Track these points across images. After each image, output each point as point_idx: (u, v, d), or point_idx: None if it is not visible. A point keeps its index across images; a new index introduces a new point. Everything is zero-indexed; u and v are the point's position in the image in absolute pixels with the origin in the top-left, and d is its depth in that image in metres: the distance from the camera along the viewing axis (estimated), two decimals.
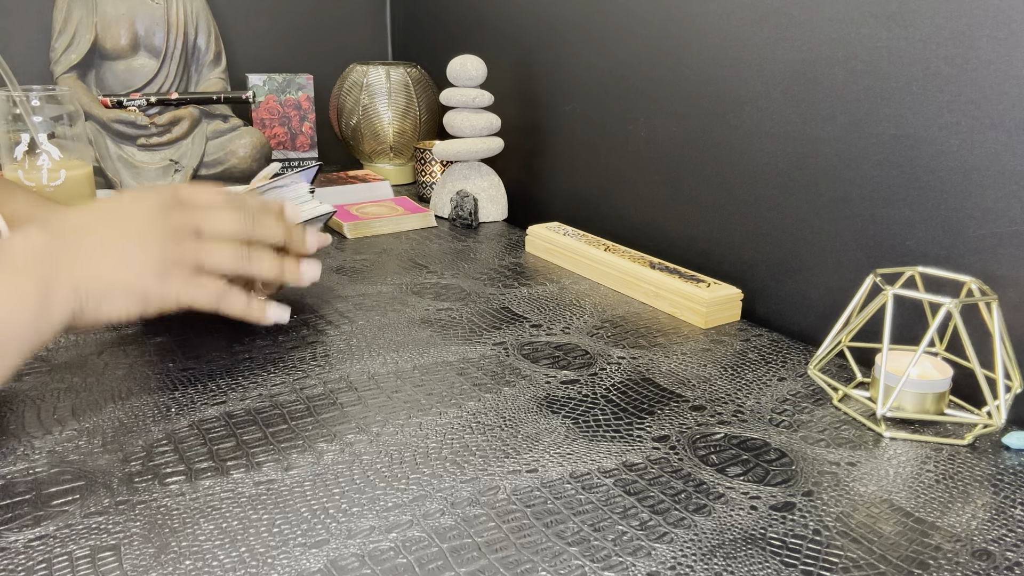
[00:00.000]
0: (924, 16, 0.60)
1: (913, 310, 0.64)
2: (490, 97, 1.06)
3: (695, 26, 0.81)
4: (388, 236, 1.02)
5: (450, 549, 0.42)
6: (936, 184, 0.62)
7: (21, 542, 0.41)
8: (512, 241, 1.01)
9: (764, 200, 0.76)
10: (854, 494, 0.47)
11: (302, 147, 1.36)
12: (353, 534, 0.42)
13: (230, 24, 1.39)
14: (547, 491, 0.47)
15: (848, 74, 0.67)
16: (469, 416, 0.55)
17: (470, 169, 1.11)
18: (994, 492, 0.48)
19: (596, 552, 0.42)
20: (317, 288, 0.80)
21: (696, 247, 0.86)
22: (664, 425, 0.55)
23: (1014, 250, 0.57)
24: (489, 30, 1.20)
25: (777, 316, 0.77)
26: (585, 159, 1.02)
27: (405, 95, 1.28)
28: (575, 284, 0.84)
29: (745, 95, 0.77)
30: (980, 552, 0.42)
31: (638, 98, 0.91)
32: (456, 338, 0.69)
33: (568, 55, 1.02)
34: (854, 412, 0.57)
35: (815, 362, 0.62)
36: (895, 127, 0.64)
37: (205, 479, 0.47)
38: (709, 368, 0.64)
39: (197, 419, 0.54)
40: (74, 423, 0.53)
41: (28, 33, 1.25)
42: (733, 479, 0.49)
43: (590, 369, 0.64)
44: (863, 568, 0.41)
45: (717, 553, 0.42)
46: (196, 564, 0.40)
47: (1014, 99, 0.56)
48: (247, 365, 0.63)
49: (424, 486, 0.47)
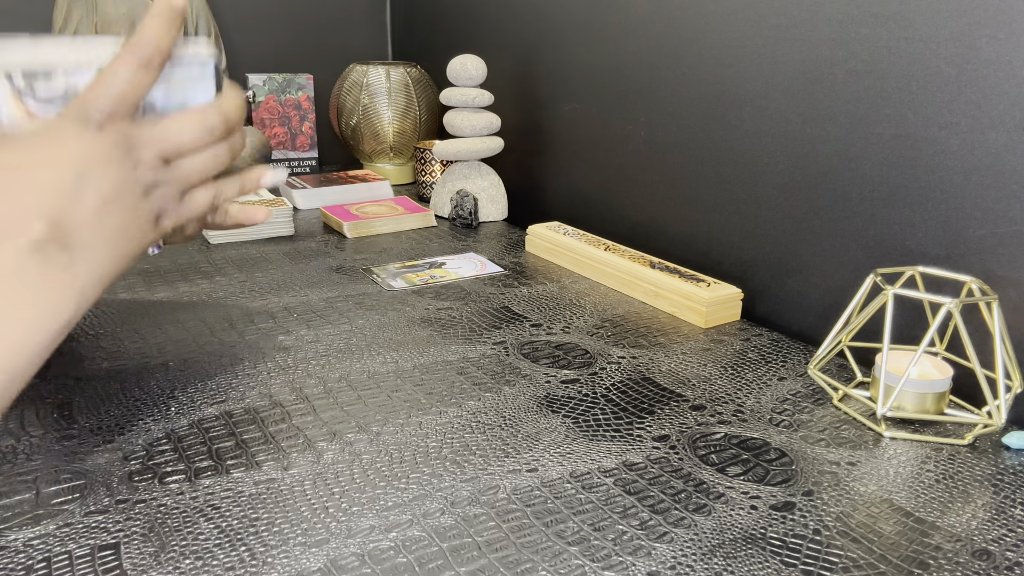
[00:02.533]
0: (924, 16, 0.60)
1: (913, 310, 0.64)
2: (490, 97, 1.06)
3: (695, 26, 0.81)
4: (388, 236, 1.02)
5: (450, 548, 0.42)
6: (936, 184, 0.62)
7: (21, 541, 0.41)
8: (512, 241, 1.01)
9: (764, 200, 0.76)
10: (854, 494, 0.47)
11: (302, 147, 1.36)
12: (353, 533, 0.42)
13: (230, 24, 1.39)
14: (547, 491, 0.47)
15: (848, 74, 0.67)
16: (469, 415, 0.55)
17: (470, 169, 1.11)
18: (994, 492, 0.48)
19: (596, 552, 0.42)
20: (316, 288, 0.80)
21: (696, 247, 0.86)
22: (664, 425, 0.55)
23: (1014, 250, 0.57)
24: (489, 30, 1.20)
25: (777, 316, 0.77)
26: (585, 159, 1.02)
27: (405, 95, 1.28)
28: (575, 284, 0.84)
29: (745, 95, 0.77)
30: (980, 552, 0.42)
31: (638, 98, 0.91)
32: (456, 337, 0.69)
33: (568, 55, 1.02)
34: (854, 412, 0.57)
35: (815, 362, 0.62)
36: (895, 127, 0.64)
37: (205, 478, 0.47)
38: (709, 368, 0.64)
39: (197, 419, 0.54)
40: (74, 423, 0.53)
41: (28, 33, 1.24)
42: (733, 479, 0.49)
43: (590, 369, 0.64)
44: (863, 568, 0.41)
45: (717, 553, 0.42)
46: (196, 563, 0.40)
47: (1014, 99, 0.56)
48: (247, 365, 0.63)
49: (424, 485, 0.47)
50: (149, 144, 0.43)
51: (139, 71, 0.42)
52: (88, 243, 0.41)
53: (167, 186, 0.45)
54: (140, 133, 0.43)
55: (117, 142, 0.42)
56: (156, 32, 0.43)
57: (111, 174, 0.41)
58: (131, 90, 0.42)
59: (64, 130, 0.40)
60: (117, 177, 0.41)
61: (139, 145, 0.43)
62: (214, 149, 0.47)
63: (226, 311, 0.74)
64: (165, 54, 0.44)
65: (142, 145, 0.43)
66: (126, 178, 0.42)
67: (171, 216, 0.46)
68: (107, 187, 0.41)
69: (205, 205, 0.48)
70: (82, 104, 0.41)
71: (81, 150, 0.40)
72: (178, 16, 0.45)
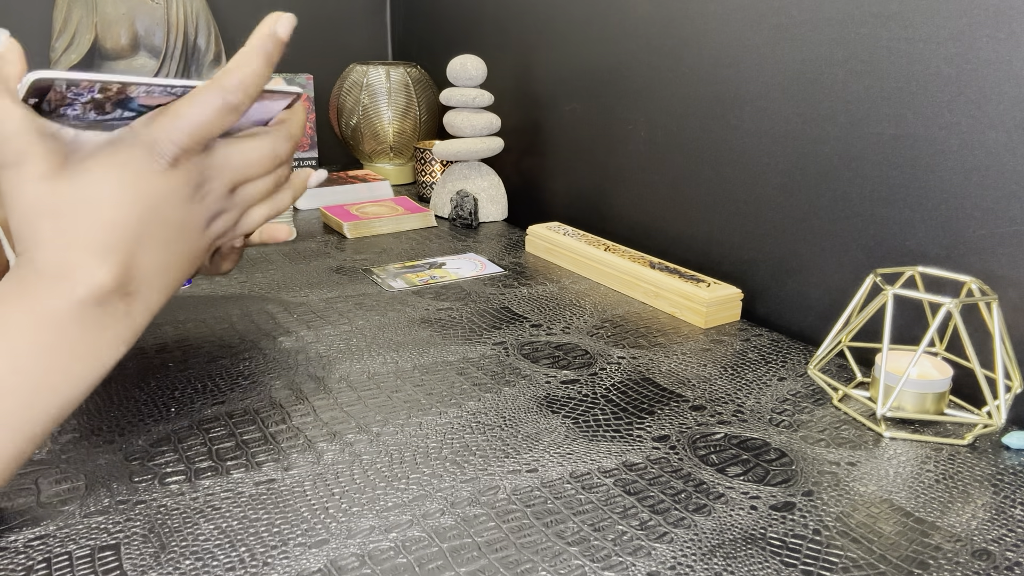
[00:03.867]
0: (924, 16, 0.60)
1: (913, 310, 0.64)
2: (490, 97, 1.06)
3: (695, 26, 0.81)
4: (388, 236, 1.02)
5: (450, 549, 0.42)
6: (936, 184, 0.62)
7: (21, 542, 0.41)
8: (512, 241, 1.01)
9: (764, 200, 0.76)
10: (854, 494, 0.47)
11: (302, 147, 1.36)
12: (353, 534, 0.42)
13: (230, 24, 1.39)
14: (547, 491, 0.47)
15: (848, 74, 0.67)
16: (469, 416, 0.55)
17: (470, 169, 1.11)
18: (994, 492, 0.48)
19: (596, 552, 0.42)
20: (316, 288, 0.80)
21: (696, 247, 0.86)
22: (664, 425, 0.55)
23: (1014, 250, 0.57)
24: (489, 30, 1.20)
25: (777, 316, 0.77)
26: (585, 159, 1.02)
27: (405, 95, 1.28)
28: (575, 284, 0.84)
29: (745, 95, 0.77)
30: (980, 552, 0.42)
31: (638, 98, 0.91)
32: (456, 338, 0.69)
33: (568, 55, 1.02)
34: (854, 412, 0.57)
35: (815, 362, 0.62)
36: (895, 127, 0.64)
37: (205, 479, 0.47)
38: (709, 368, 0.64)
39: (197, 419, 0.54)
40: (74, 423, 0.53)
41: (28, 33, 1.25)
42: (733, 479, 0.49)
43: (590, 369, 0.64)
44: (863, 568, 0.41)
45: (717, 553, 0.42)
46: (196, 564, 0.40)
47: (1014, 99, 0.56)
48: (247, 365, 0.63)
49: (424, 486, 0.47)
50: (220, 175, 0.41)
51: (224, 113, 0.38)
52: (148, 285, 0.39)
53: (230, 211, 0.43)
54: (212, 163, 0.40)
55: (189, 179, 0.39)
56: (251, 71, 0.39)
57: (180, 211, 0.39)
58: (210, 130, 0.39)
59: (134, 162, 0.37)
60: (185, 213, 0.39)
61: (210, 178, 0.40)
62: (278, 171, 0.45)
63: (226, 311, 0.74)
64: (254, 98, 0.40)
65: (213, 177, 0.40)
66: (193, 212, 0.40)
67: (227, 237, 0.44)
68: (174, 225, 0.39)
69: (262, 221, 0.45)
70: (154, 134, 0.38)
71: (151, 187, 0.37)
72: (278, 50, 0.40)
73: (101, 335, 0.37)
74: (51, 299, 0.35)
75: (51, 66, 1.18)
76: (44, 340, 0.36)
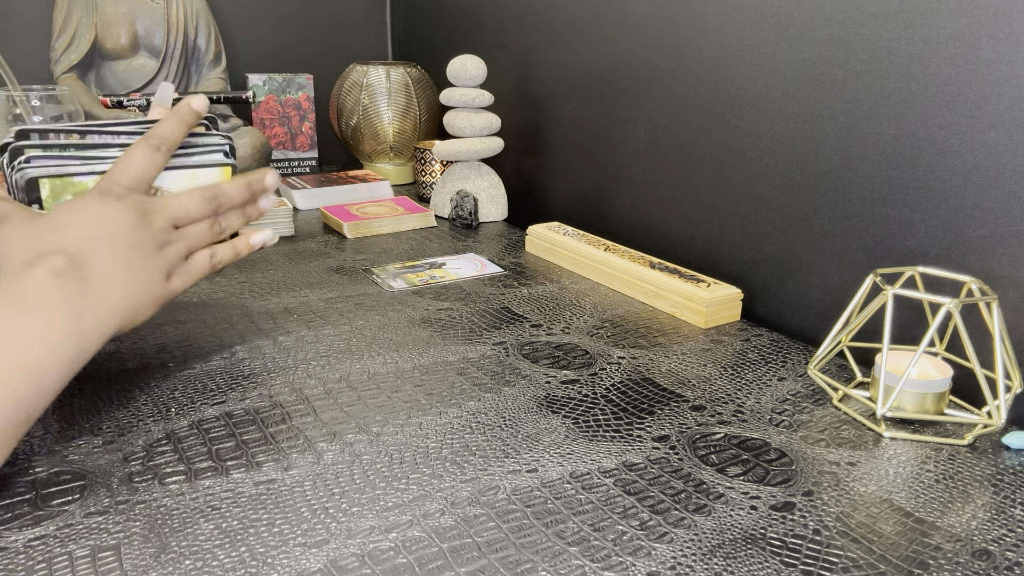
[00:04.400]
0: (924, 16, 0.60)
1: (913, 310, 0.64)
2: (490, 97, 1.06)
3: (695, 26, 0.81)
4: (388, 236, 1.02)
5: (450, 549, 0.42)
6: (936, 184, 0.62)
7: (21, 542, 0.41)
8: (512, 241, 1.01)
9: (764, 200, 0.76)
10: (854, 494, 0.47)
11: (302, 147, 1.36)
12: (353, 534, 0.42)
13: (230, 24, 1.39)
14: (547, 491, 0.47)
15: (848, 74, 0.67)
16: (469, 416, 0.56)
17: (470, 169, 1.11)
18: (994, 492, 0.48)
19: (596, 552, 0.42)
20: (316, 288, 0.80)
21: (696, 247, 0.86)
22: (664, 425, 0.55)
23: (1014, 250, 0.57)
24: (489, 30, 1.20)
25: (777, 316, 0.77)
26: (585, 159, 1.02)
27: (405, 95, 1.28)
28: (575, 284, 0.84)
29: (745, 95, 0.77)
30: (980, 552, 0.42)
31: (638, 98, 0.91)
32: (456, 338, 0.69)
33: (568, 55, 1.02)
34: (854, 412, 0.57)
35: (815, 362, 0.62)
36: (895, 127, 0.64)
37: (205, 479, 0.47)
38: (709, 368, 0.64)
39: (197, 419, 0.54)
40: (74, 423, 0.53)
41: (28, 33, 1.25)
42: (733, 479, 0.49)
43: (590, 369, 0.64)
44: (863, 568, 0.41)
45: (717, 553, 0.42)
46: (196, 564, 0.40)
47: (1014, 99, 0.56)
48: (247, 365, 0.63)
49: (424, 486, 0.47)
50: (162, 212, 0.53)
51: (151, 155, 0.54)
52: (104, 279, 0.48)
53: (177, 244, 0.54)
54: (154, 203, 0.53)
55: (131, 207, 0.51)
56: (171, 129, 0.55)
57: (125, 231, 0.50)
58: (145, 170, 0.53)
59: (88, 200, 0.50)
60: (130, 233, 0.50)
61: (152, 212, 0.52)
62: (217, 220, 0.57)
63: (226, 311, 0.74)
64: (175, 144, 0.56)
65: (155, 212, 0.53)
66: (139, 235, 0.51)
67: (180, 275, 0.55)
68: (121, 240, 0.50)
69: (205, 265, 0.57)
70: (105, 181, 0.52)
71: (98, 212, 0.50)
72: (193, 119, 0.57)
73: (64, 304, 0.46)
74: (16, 280, 0.45)
75: (50, 66, 1.18)
76: (7, 303, 0.44)
